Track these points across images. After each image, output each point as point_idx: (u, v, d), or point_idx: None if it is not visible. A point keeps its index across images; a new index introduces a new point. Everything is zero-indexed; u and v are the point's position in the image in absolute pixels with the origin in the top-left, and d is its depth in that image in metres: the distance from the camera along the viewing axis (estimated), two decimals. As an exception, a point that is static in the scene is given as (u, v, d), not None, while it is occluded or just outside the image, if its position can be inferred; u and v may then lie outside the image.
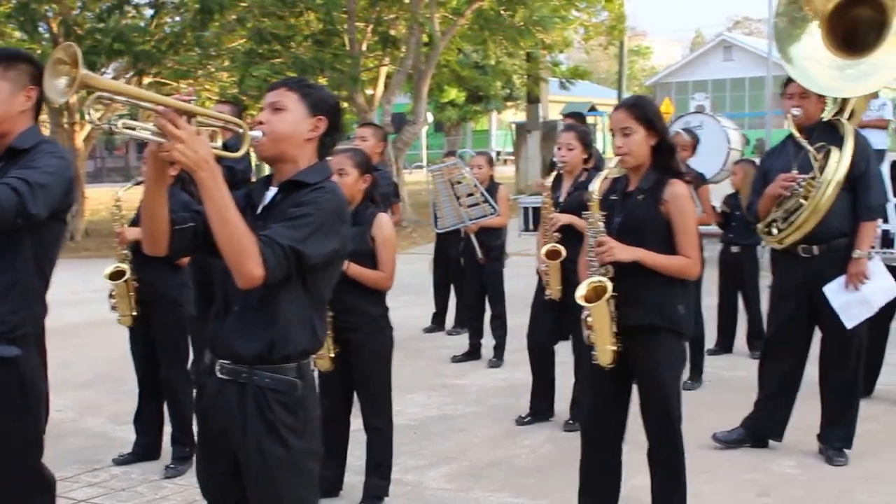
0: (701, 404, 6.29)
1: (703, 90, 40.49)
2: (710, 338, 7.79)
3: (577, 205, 5.88)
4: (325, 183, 2.99)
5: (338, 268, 3.11)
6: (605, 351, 4.10)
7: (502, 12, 20.20)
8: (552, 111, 30.06)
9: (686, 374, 5.97)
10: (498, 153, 35.25)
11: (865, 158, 5.27)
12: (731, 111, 39.21)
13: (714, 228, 8.06)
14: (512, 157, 28.87)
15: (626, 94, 30.88)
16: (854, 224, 5.28)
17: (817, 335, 5.55)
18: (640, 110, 4.09)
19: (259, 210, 3.01)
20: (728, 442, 5.62)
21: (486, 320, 8.39)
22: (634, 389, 4.31)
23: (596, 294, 4.09)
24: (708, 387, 7.01)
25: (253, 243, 2.73)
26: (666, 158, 4.13)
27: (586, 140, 6.12)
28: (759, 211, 5.48)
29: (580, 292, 4.11)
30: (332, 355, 4.72)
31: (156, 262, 5.27)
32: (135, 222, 5.48)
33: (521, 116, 31.28)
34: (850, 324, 5.29)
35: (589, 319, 4.11)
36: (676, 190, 4.09)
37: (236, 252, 2.71)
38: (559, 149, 6.02)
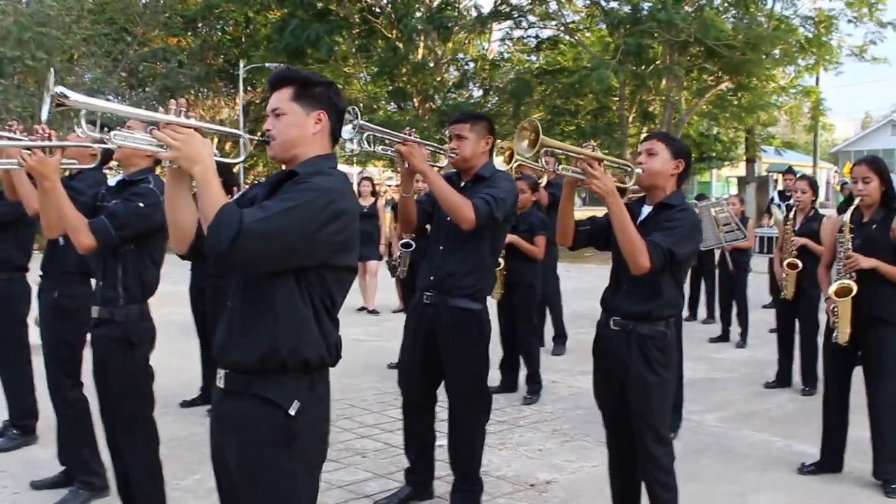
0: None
1: (875, 157, 42.36)
2: None
3: (810, 232, 6.78)
4: (686, 204, 3.59)
5: (692, 260, 3.58)
6: (844, 333, 4.80)
7: (729, 97, 23.86)
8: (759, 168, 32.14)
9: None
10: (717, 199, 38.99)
11: None
12: (897, 176, 40.49)
13: None
14: (732, 203, 31.98)
15: (819, 160, 33.55)
16: None
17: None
18: (876, 165, 4.87)
19: (637, 223, 3.51)
20: None
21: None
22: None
23: (843, 292, 4.74)
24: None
25: (642, 244, 3.34)
26: (891, 198, 4.83)
27: (815, 187, 7.13)
28: None
29: (832, 290, 4.80)
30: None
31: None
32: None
33: (735, 172, 35.45)
34: None
35: (836, 310, 4.77)
36: None
37: (631, 249, 3.37)
38: (796, 192, 7.12)
